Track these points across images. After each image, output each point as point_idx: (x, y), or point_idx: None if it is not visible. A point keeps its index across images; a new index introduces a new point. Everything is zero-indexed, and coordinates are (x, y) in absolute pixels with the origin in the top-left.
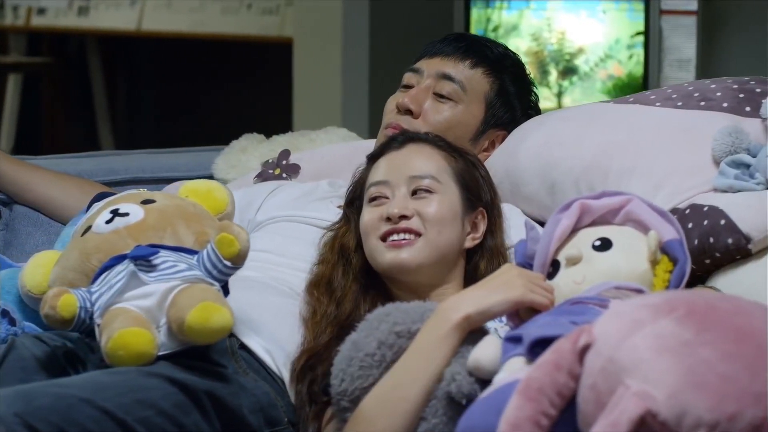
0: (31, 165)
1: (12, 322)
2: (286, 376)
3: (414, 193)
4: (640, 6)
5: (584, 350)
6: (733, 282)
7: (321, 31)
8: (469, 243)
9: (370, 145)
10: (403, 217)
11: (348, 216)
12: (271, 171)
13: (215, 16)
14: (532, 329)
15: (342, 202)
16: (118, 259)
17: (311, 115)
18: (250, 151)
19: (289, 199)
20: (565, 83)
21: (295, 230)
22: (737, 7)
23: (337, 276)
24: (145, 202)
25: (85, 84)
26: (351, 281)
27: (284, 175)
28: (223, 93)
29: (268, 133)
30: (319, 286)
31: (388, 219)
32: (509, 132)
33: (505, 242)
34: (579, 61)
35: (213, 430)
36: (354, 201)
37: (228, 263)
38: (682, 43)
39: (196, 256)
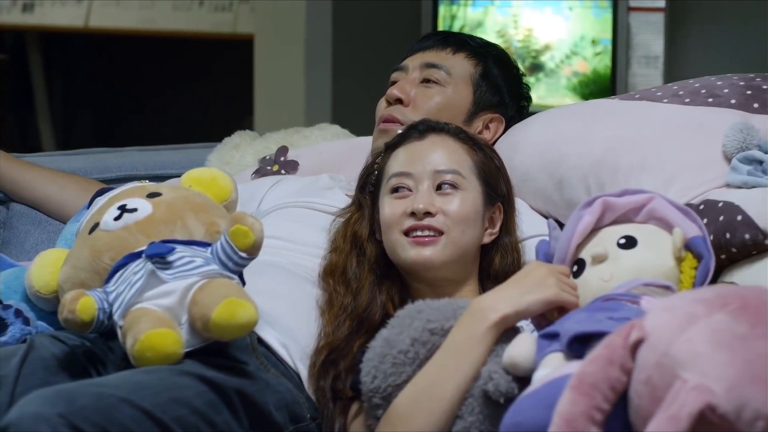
0: (28, 163)
1: (26, 321)
2: (302, 370)
3: (438, 187)
4: (606, 3)
5: (636, 345)
6: (749, 277)
7: (283, 28)
8: (487, 238)
9: (369, 142)
10: (428, 213)
11: (360, 202)
12: (269, 167)
13: (166, 12)
14: (569, 325)
15: (347, 192)
16: (132, 257)
17: (273, 114)
18: (244, 147)
19: (292, 190)
20: (531, 80)
21: (303, 216)
22: (704, 4)
23: (352, 265)
24: (151, 195)
25: (25, 81)
26: (366, 272)
27: (282, 171)
28: (178, 92)
29: (228, 131)
30: (334, 275)
31: (412, 214)
32: (502, 115)
33: (518, 236)
34: (545, 58)
35: (242, 429)
36: (366, 186)
37: (243, 255)
38: (650, 39)
39: (209, 249)
